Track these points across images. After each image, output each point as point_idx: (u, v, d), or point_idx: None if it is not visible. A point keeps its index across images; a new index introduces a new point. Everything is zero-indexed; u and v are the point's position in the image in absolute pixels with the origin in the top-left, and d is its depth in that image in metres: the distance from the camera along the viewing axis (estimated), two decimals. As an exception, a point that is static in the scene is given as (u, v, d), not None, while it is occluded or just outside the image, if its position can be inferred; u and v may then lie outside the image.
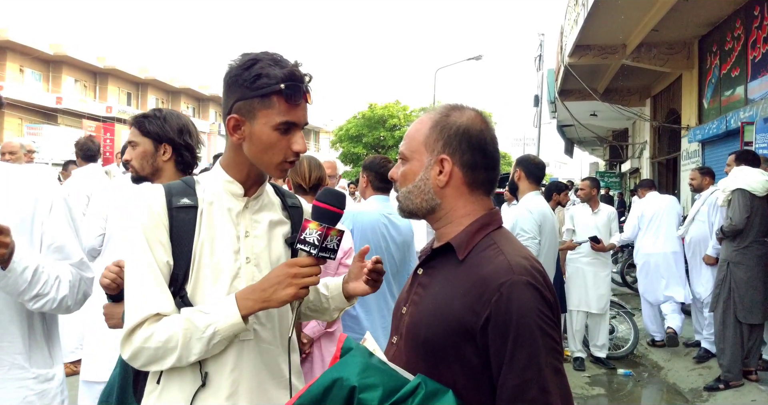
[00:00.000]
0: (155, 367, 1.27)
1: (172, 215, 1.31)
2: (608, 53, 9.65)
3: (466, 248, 1.16)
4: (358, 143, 28.21)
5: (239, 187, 1.38)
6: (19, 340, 1.53)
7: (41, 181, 1.62)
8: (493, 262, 1.11)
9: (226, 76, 1.33)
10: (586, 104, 13.20)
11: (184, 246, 1.31)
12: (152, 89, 35.13)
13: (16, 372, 1.52)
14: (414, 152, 1.21)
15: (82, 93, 30.11)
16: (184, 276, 1.31)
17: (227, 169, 1.39)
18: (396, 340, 1.23)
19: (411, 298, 1.23)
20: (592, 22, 8.16)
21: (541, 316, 1.05)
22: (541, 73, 17.97)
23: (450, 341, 1.09)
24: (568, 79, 11.32)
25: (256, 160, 1.34)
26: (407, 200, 1.22)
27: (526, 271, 1.08)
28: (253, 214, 1.40)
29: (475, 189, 1.21)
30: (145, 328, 1.25)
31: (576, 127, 15.15)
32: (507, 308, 1.04)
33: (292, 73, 1.29)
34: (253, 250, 1.38)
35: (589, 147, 23.93)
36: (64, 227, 1.60)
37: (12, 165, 1.68)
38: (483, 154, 1.19)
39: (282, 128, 1.30)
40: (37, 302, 1.49)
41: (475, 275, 1.10)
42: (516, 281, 1.06)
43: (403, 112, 28.41)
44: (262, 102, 1.29)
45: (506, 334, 1.04)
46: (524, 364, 1.03)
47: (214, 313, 1.26)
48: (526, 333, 1.03)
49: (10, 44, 25.16)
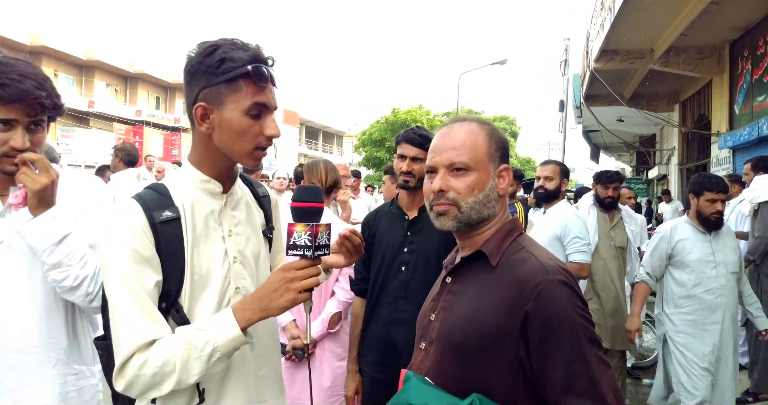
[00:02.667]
0: (153, 393, 1.18)
1: (157, 231, 1.22)
2: (635, 58, 9.51)
3: (498, 255, 1.20)
4: (381, 147, 28.29)
5: (217, 185, 1.32)
6: (65, 337, 1.57)
7: (94, 185, 1.72)
8: (526, 264, 1.16)
9: (187, 65, 1.26)
10: (612, 109, 13.01)
11: (175, 261, 1.24)
12: (180, 93, 35.71)
13: (60, 368, 1.56)
14: (479, 162, 1.23)
15: (113, 97, 30.83)
16: (177, 289, 1.24)
17: (199, 166, 1.32)
18: (425, 345, 1.26)
19: (441, 306, 1.25)
20: (619, 26, 8.06)
21: (578, 311, 1.10)
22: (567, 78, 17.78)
23: (485, 344, 1.12)
24: (594, 84, 11.18)
25: (228, 149, 1.27)
26: (474, 211, 1.22)
27: (559, 271, 1.13)
28: (233, 210, 1.36)
29: (506, 197, 1.29)
30: (138, 356, 1.16)
31: (602, 132, 14.95)
32: (546, 305, 1.09)
33: (257, 55, 1.25)
34: (237, 249, 1.34)
35: (615, 153, 23.56)
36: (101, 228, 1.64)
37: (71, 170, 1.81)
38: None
39: (253, 112, 1.24)
40: (59, 273, 1.47)
41: (511, 278, 1.14)
42: (552, 280, 1.11)
43: (426, 117, 28.41)
44: (229, 86, 1.23)
45: (548, 329, 1.08)
46: (570, 356, 1.07)
47: (210, 329, 1.19)
48: (568, 327, 1.08)
49: (46, 50, 25.93)
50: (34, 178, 1.44)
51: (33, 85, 1.45)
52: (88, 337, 1.66)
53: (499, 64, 23.49)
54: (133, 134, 27.32)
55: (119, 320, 1.18)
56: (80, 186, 1.68)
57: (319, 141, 48.02)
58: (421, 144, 2.34)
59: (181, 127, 32.29)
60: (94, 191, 1.69)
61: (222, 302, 1.31)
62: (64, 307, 1.57)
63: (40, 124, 1.52)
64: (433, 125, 27.87)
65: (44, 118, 1.52)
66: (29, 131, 1.48)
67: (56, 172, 1.48)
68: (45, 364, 1.53)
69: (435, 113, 29.57)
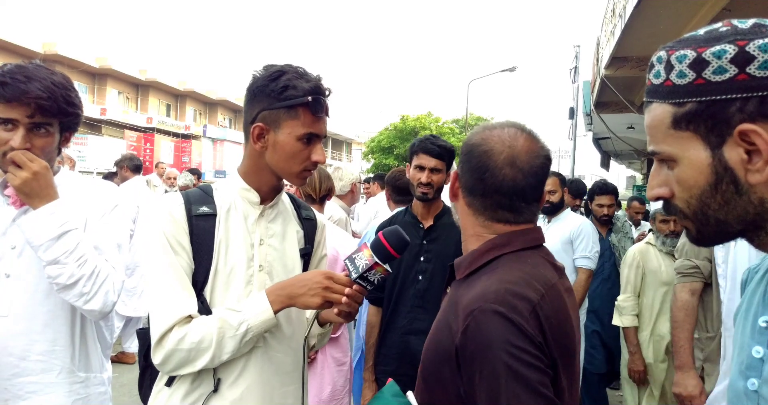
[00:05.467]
0: (187, 369, 1.28)
1: (192, 223, 1.34)
2: (646, 65, 9.41)
3: (466, 268, 1.10)
4: (390, 155, 28.32)
5: (255, 195, 1.41)
6: (70, 345, 1.57)
7: (106, 189, 1.73)
8: (475, 286, 1.02)
9: (252, 85, 1.37)
10: (623, 117, 12.95)
11: (204, 252, 1.34)
12: (191, 101, 36.07)
13: (65, 376, 1.55)
14: None
15: (124, 104, 31.14)
16: (203, 281, 1.34)
17: (245, 177, 1.42)
18: None
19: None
20: (630, 33, 8.04)
21: (508, 349, 0.92)
22: (577, 85, 17.73)
23: (437, 366, 1.04)
24: (604, 91, 11.14)
25: (278, 168, 1.38)
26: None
27: (500, 299, 0.96)
28: (269, 222, 1.43)
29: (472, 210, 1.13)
30: (177, 331, 1.27)
31: (612, 140, 14.87)
32: (473, 339, 0.96)
33: (317, 87, 1.35)
34: (266, 258, 1.40)
35: (626, 160, 23.43)
36: (107, 232, 1.63)
37: (82, 176, 1.81)
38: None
39: (305, 139, 1.35)
40: (55, 269, 1.46)
41: (460, 301, 1.03)
42: (485, 309, 0.96)
43: (435, 124, 28.43)
44: (288, 113, 1.33)
45: (471, 367, 0.96)
46: (487, 401, 0.93)
47: (246, 310, 1.29)
48: (488, 368, 0.93)
49: (58, 58, 26.27)
50: (15, 174, 1.45)
51: (37, 87, 1.45)
52: (97, 344, 1.65)
53: (509, 72, 23.49)
54: (144, 141, 27.57)
55: (158, 295, 1.29)
56: (90, 189, 1.68)
57: (328, 148, 48.20)
58: (439, 155, 2.32)
59: (191, 134, 32.54)
60: (105, 194, 1.69)
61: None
62: (71, 314, 1.57)
63: (45, 128, 1.51)
64: (442, 132, 27.88)
65: (50, 123, 1.51)
66: (32, 134, 1.49)
67: (42, 164, 1.47)
68: (49, 372, 1.52)
69: (444, 120, 29.57)
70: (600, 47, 11.32)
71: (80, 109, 1.59)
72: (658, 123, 0.78)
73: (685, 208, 0.77)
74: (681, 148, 0.75)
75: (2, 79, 1.44)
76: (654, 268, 3.35)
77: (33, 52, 24.86)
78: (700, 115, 0.73)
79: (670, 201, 0.79)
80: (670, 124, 0.76)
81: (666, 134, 0.77)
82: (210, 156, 33.19)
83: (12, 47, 24.16)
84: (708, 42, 0.72)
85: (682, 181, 0.76)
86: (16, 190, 1.46)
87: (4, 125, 1.46)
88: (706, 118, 0.72)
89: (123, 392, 4.28)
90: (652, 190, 0.81)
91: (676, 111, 0.75)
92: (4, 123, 1.46)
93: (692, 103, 0.73)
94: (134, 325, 5.00)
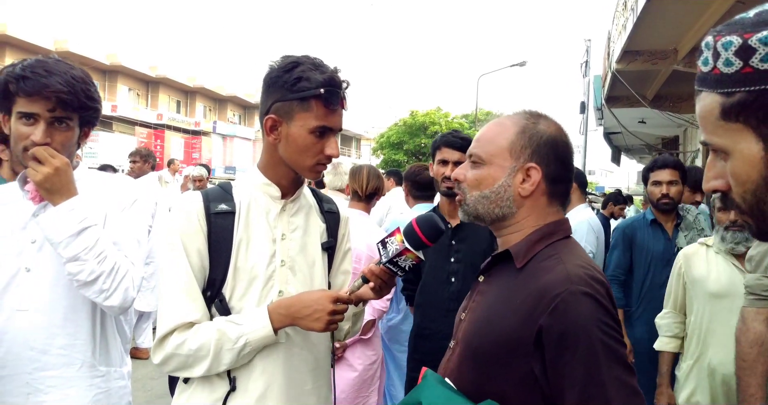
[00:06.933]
0: (184, 373, 1.30)
1: (211, 221, 1.33)
2: (658, 59, 9.36)
3: (524, 257, 1.13)
4: (399, 150, 28.27)
5: (276, 189, 1.40)
6: (90, 339, 1.58)
7: (124, 184, 1.73)
8: (551, 272, 1.06)
9: (267, 76, 1.35)
10: (634, 111, 12.84)
11: (223, 251, 1.33)
12: (200, 97, 36.15)
13: (86, 370, 1.57)
14: (494, 156, 1.16)
15: (135, 101, 31.29)
16: (221, 280, 1.33)
17: (264, 170, 1.40)
18: (453, 345, 1.23)
19: (470, 305, 1.22)
20: (642, 26, 7.94)
21: (601, 327, 0.99)
22: (587, 79, 17.60)
23: (499, 353, 1.06)
24: (615, 85, 11.04)
25: (290, 161, 1.36)
26: (478, 204, 1.17)
27: (584, 281, 1.03)
28: (291, 216, 1.42)
29: (553, 201, 1.18)
30: (178, 335, 1.27)
31: (623, 134, 14.75)
32: (564, 319, 1.00)
33: (332, 79, 1.32)
34: (288, 253, 1.39)
35: (636, 155, 23.22)
36: (127, 227, 1.63)
37: (103, 173, 1.82)
38: (566, 167, 1.18)
39: (318, 132, 1.32)
40: (75, 265, 1.46)
41: (532, 285, 1.06)
42: (573, 291, 1.01)
43: (445, 119, 28.32)
44: (301, 105, 1.31)
45: (564, 346, 0.99)
46: (584, 378, 0.97)
47: (246, 324, 1.28)
48: (586, 346, 0.98)
49: (69, 55, 26.43)
50: (36, 170, 1.45)
51: (57, 81, 1.46)
52: (117, 338, 1.66)
53: (519, 66, 23.32)
54: (155, 138, 27.72)
55: (164, 296, 1.31)
56: (109, 184, 1.68)
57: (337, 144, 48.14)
58: (462, 147, 2.28)
59: (201, 130, 32.64)
60: (124, 189, 1.69)
61: (262, 302, 1.35)
62: (91, 307, 1.58)
63: (65, 122, 1.52)
64: (451, 127, 27.76)
65: (70, 117, 1.52)
66: (53, 128, 1.50)
67: (63, 160, 1.48)
68: (70, 366, 1.54)
69: (454, 115, 29.46)
70: (611, 41, 11.21)
71: (99, 103, 1.60)
72: (707, 113, 0.74)
73: (741, 203, 0.73)
74: (732, 141, 0.71)
75: (23, 74, 1.45)
76: (699, 275, 2.48)
77: (45, 49, 25.02)
78: (750, 106, 0.68)
79: (728, 194, 0.74)
80: (719, 115, 0.71)
81: (716, 125, 0.72)
82: (220, 152, 33.31)
83: (24, 45, 24.36)
84: (756, 26, 0.67)
85: (735, 175, 0.72)
86: (37, 185, 1.47)
87: (26, 119, 1.47)
88: (757, 109, 0.67)
89: (137, 387, 4.33)
90: (708, 182, 0.77)
91: (724, 101, 0.70)
92: (25, 117, 1.47)
93: (741, 93, 0.68)
94: (146, 319, 5.05)
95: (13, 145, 1.52)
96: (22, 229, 1.54)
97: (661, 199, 3.04)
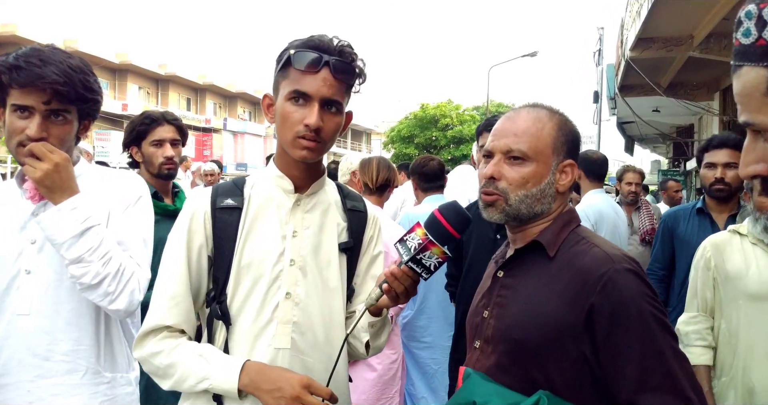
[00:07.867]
0: (155, 379, 1.28)
1: (215, 216, 1.27)
2: (673, 45, 9.19)
3: (555, 245, 1.14)
4: (410, 144, 28.14)
5: (289, 182, 1.31)
6: (95, 344, 1.52)
7: (129, 181, 1.63)
8: (588, 254, 1.09)
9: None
10: (648, 100, 12.66)
11: (226, 247, 1.26)
12: (210, 94, 36.27)
13: (91, 377, 1.50)
14: (539, 153, 1.14)
15: (145, 99, 31.46)
16: (225, 278, 1.26)
17: (277, 162, 1.33)
18: (479, 344, 1.19)
19: (494, 301, 1.18)
20: (656, 13, 7.79)
21: (649, 301, 1.04)
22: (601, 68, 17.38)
23: (546, 340, 1.07)
24: (629, 73, 10.87)
25: (279, 139, 1.29)
26: (522, 204, 1.13)
27: (624, 259, 1.07)
28: (305, 212, 1.31)
29: (568, 193, 1.22)
30: (157, 343, 1.24)
31: (637, 123, 14.55)
32: (613, 296, 1.03)
33: (309, 40, 1.22)
34: (299, 252, 1.28)
35: (650, 144, 22.93)
36: (132, 226, 1.56)
37: (105, 168, 1.73)
38: (578, 160, 1.23)
39: (293, 98, 1.22)
40: (78, 268, 1.39)
41: (572, 270, 1.09)
42: (618, 269, 1.05)
43: (456, 112, 28.15)
44: (282, 74, 1.25)
45: (616, 323, 1.02)
46: (641, 350, 1.00)
47: (216, 369, 1.19)
48: (638, 319, 1.01)
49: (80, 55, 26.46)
50: (34, 167, 1.38)
51: (53, 71, 1.37)
52: (123, 343, 1.59)
53: (530, 56, 23.07)
54: (166, 135, 27.82)
55: (157, 294, 1.28)
56: (112, 180, 1.60)
57: (347, 138, 48.15)
58: None
59: (212, 127, 32.75)
60: (128, 185, 1.60)
61: (266, 304, 1.26)
62: (95, 311, 1.51)
63: (62, 115, 1.44)
64: (462, 120, 27.58)
65: (68, 110, 1.44)
66: (49, 122, 1.42)
67: (62, 155, 1.40)
68: (74, 373, 1.48)
69: (465, 107, 29.25)
70: (625, 29, 11.03)
71: (99, 95, 1.51)
72: (751, 89, 0.67)
73: None
74: None
75: (16, 64, 1.36)
76: (735, 271, 1.95)
77: (55, 49, 25.23)
78: None
79: None
80: (767, 89, 0.65)
81: (762, 102, 0.66)
82: (231, 149, 33.45)
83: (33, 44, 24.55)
84: None
85: None
86: (36, 183, 1.40)
87: (20, 112, 1.40)
88: None
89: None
90: (746, 167, 0.70)
91: None
92: (19, 110, 1.40)
93: None
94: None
95: (7, 140, 1.44)
96: (21, 230, 1.47)
97: (715, 185, 2.46)
